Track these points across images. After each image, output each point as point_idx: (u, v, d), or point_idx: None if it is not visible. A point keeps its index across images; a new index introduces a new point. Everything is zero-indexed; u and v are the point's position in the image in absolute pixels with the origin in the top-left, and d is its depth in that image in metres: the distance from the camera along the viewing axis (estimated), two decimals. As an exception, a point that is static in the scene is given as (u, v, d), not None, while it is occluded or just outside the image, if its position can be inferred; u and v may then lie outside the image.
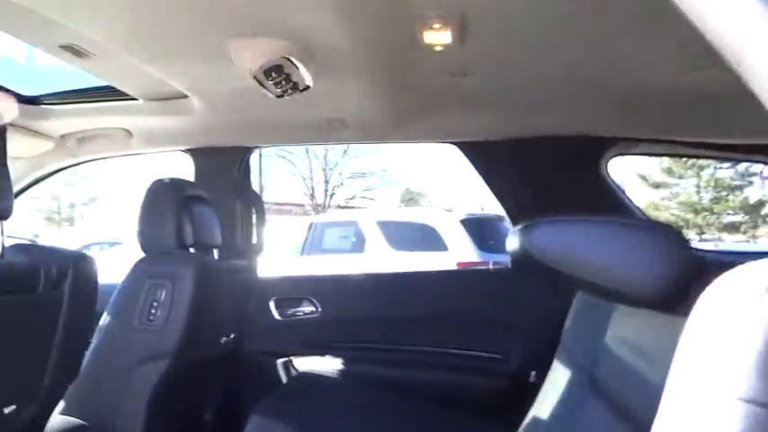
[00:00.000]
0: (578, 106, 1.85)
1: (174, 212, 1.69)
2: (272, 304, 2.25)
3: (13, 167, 2.24)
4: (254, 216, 2.30)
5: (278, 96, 1.48)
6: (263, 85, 1.42)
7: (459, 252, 6.28)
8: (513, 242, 0.91)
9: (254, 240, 2.30)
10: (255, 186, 2.44)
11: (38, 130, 2.03)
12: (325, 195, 20.98)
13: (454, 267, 6.00)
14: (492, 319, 2.10)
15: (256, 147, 2.37)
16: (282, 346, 2.21)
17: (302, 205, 20.20)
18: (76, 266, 1.04)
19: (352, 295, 2.29)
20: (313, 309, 2.23)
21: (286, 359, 2.20)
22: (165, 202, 1.70)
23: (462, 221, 6.62)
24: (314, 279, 2.50)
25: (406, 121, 2.03)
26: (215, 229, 1.88)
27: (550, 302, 2.01)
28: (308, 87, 1.46)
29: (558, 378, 1.05)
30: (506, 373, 2.02)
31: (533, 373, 1.91)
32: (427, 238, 6.51)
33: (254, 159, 2.41)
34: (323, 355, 2.17)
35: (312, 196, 20.69)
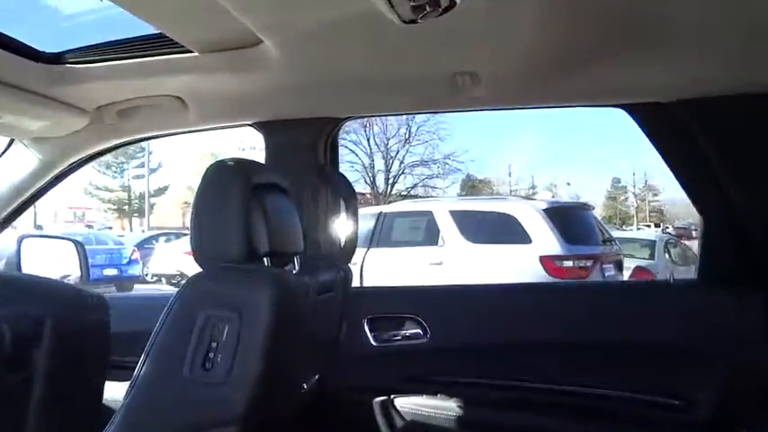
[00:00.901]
0: None
1: (240, 207, 1.12)
2: (365, 325, 1.76)
3: (42, 151, 1.78)
4: (342, 209, 1.74)
5: (406, 22, 0.93)
6: (389, 2, 0.87)
7: (543, 244, 5.81)
8: None
9: (344, 241, 1.74)
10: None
11: (66, 101, 1.56)
12: (386, 184, 20.74)
13: (537, 261, 5.62)
14: (667, 352, 1.60)
15: (348, 118, 1.83)
16: (379, 380, 1.75)
17: (363, 194, 19.94)
18: (59, 321, 0.50)
19: (472, 313, 1.78)
20: (419, 331, 1.75)
21: (385, 398, 1.73)
22: (229, 193, 1.13)
23: (545, 211, 6.12)
24: (420, 291, 1.98)
25: (561, 76, 1.45)
26: (296, 230, 1.32)
27: (761, 332, 1.48)
28: (453, 5, 0.91)
29: None
30: (690, 427, 1.52)
31: None
32: (507, 230, 6.02)
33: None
34: (434, 393, 1.69)
35: (373, 185, 20.46)
